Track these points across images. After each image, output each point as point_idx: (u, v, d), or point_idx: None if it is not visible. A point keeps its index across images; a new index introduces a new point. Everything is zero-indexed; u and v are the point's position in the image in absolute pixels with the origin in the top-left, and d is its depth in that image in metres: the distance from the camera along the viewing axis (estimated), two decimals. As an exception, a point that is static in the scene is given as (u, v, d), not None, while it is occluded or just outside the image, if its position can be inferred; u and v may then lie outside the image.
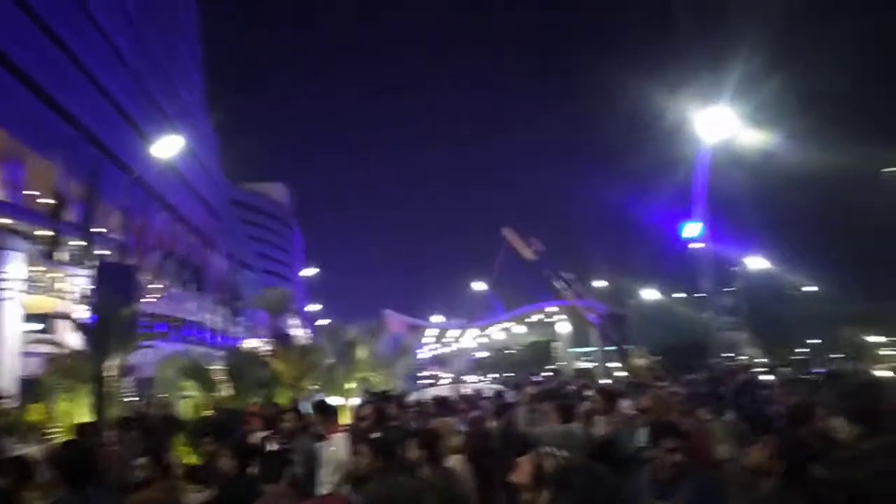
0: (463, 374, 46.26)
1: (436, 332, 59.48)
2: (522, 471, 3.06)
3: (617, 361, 34.74)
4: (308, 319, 42.71)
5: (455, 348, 59.76)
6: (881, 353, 28.31)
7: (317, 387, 15.13)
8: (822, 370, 14.59)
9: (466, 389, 15.41)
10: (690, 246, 26.02)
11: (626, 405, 7.24)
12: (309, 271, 53.90)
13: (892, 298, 33.77)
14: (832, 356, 31.92)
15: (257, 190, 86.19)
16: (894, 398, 4.37)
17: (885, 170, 25.51)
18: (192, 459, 6.47)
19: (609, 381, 15.40)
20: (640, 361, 19.48)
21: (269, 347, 14.77)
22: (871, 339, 32.89)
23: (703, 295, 28.08)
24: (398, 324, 52.50)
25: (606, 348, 42.05)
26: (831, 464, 3.20)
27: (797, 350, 37.58)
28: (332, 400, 12.00)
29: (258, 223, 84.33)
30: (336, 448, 5.67)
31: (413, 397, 12.81)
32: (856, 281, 35.09)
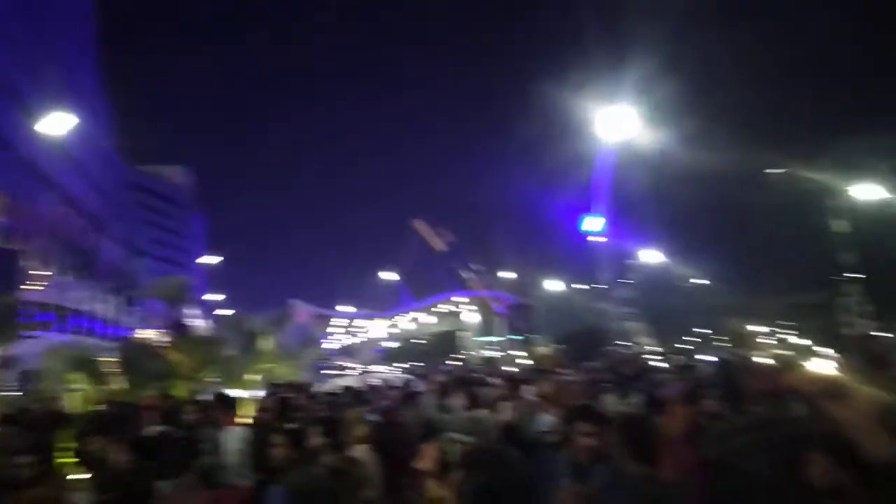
0: (371, 365, 46.11)
1: (344, 322, 58.90)
2: (427, 458, 3.08)
3: (521, 350, 35.74)
4: (209, 309, 41.16)
5: (363, 338, 59.43)
6: (760, 341, 30.57)
7: (217, 378, 14.63)
8: (710, 357, 15.58)
9: (374, 380, 15.39)
10: (591, 239, 27.02)
11: (529, 391, 7.49)
12: (210, 259, 51.84)
13: (771, 292, 36.63)
14: (718, 344, 34.20)
15: (156, 173, 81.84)
16: (755, 381, 4.77)
17: (770, 171, 27.50)
18: (81, 455, 6.11)
19: (514, 369, 15.79)
20: (542, 350, 20.14)
21: (165, 338, 14.13)
22: (753, 328, 35.50)
23: (603, 286, 29.35)
24: (304, 314, 51.59)
25: (512, 337, 43.21)
26: (706, 440, 3.49)
27: (687, 339, 40.05)
28: (234, 392, 11.66)
29: (156, 208, 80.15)
30: (236, 440, 5.55)
31: (320, 388, 12.66)
32: (740, 275, 37.82)
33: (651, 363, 14.67)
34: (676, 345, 33.77)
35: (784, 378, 4.32)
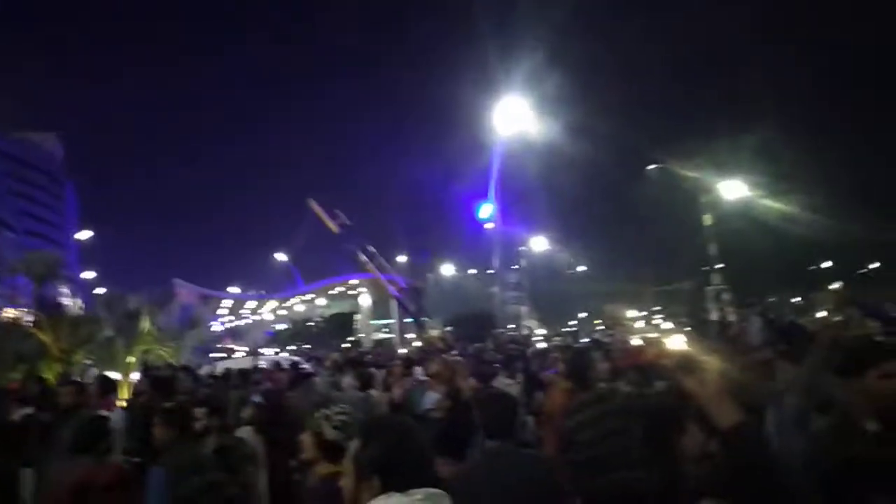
0: (260, 348, 44.83)
1: (231, 303, 56.86)
2: (305, 447, 3.07)
3: (414, 332, 36.13)
4: (83, 288, 38.44)
5: (252, 321, 57.66)
6: (636, 325, 32.64)
7: (90, 361, 13.76)
8: (588, 339, 16.45)
9: (262, 362, 15.04)
10: (485, 226, 27.63)
11: (418, 371, 7.65)
12: (83, 234, 48.22)
13: (646, 279, 39.19)
14: (596, 328, 36.20)
15: (25, 139, 74.89)
16: (623, 359, 5.21)
17: (650, 166, 29.35)
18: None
19: (405, 351, 15.96)
20: (433, 332, 20.46)
21: (33, 317, 13.11)
22: (629, 313, 37.86)
23: (493, 271, 30.13)
24: (189, 294, 49.30)
25: (405, 320, 43.54)
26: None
27: (569, 322, 42.11)
28: (111, 374, 11.03)
29: (23, 177, 73.53)
30: (116, 422, 5.30)
31: (206, 371, 12.24)
32: (620, 263, 40.13)
33: (536, 345, 15.30)
34: (561, 328, 35.45)
35: (646, 355, 4.81)
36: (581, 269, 45.05)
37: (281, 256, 51.88)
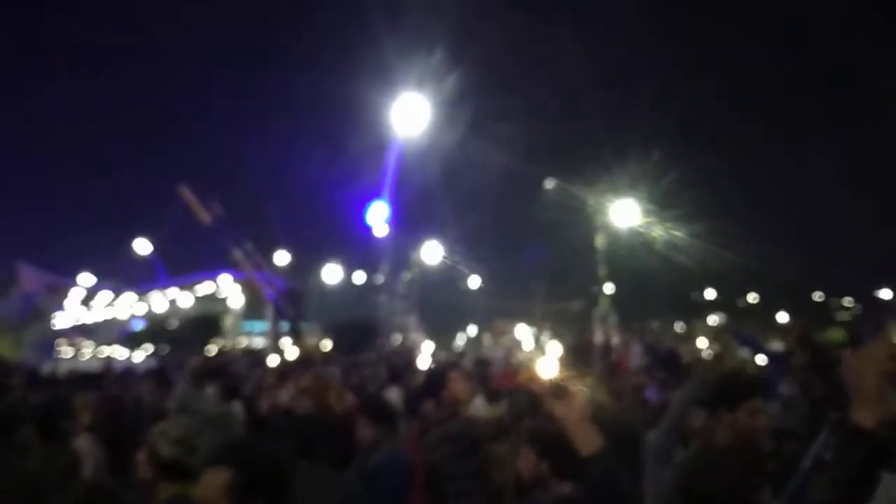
0: (113, 346, 42.17)
1: (82, 294, 53.10)
2: (140, 466, 2.97)
3: (290, 339, 35.26)
4: None
5: (107, 316, 54.11)
6: (524, 342, 33.68)
7: None
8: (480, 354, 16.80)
9: (114, 363, 14.23)
10: (376, 231, 27.54)
11: (290, 384, 7.51)
12: None
13: (537, 296, 40.60)
14: (486, 343, 37.00)
15: None
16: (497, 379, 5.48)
17: (547, 183, 30.47)
18: None
19: (279, 359, 15.61)
20: (312, 340, 20.10)
21: None
22: (518, 329, 39.03)
23: (382, 279, 30.11)
24: (34, 281, 45.71)
25: (280, 326, 42.36)
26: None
27: (459, 335, 42.83)
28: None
29: None
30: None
31: (47, 370, 11.39)
32: (511, 278, 41.33)
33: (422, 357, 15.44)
34: (450, 341, 35.94)
35: (520, 376, 5.01)
36: (474, 281, 45.96)
37: (143, 245, 49.00)
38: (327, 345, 18.26)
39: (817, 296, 52.82)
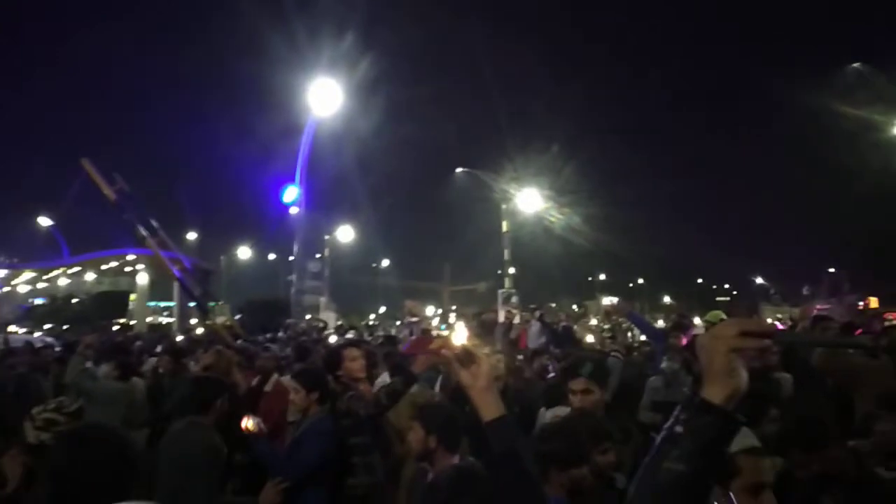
0: (9, 324, 39.23)
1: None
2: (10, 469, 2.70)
3: (198, 318, 33.99)
4: None
5: (2, 292, 50.27)
6: (432, 322, 33.96)
7: None
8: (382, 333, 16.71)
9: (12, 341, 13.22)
10: (289, 211, 26.91)
11: (192, 363, 7.19)
12: None
13: (445, 278, 41.05)
14: (396, 323, 37.04)
15: None
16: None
17: (458, 169, 30.82)
18: None
19: (184, 338, 14.95)
20: (220, 319, 19.39)
21: None
22: (427, 310, 39.35)
23: (293, 258, 29.48)
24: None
25: (189, 304, 40.66)
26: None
27: (370, 316, 42.61)
28: None
29: None
30: None
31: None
32: (421, 260, 41.48)
33: (331, 337, 15.20)
34: (362, 322, 35.64)
35: (430, 344, 5.00)
36: (385, 263, 45.87)
37: (44, 220, 45.79)
38: (236, 324, 17.65)
39: (699, 280, 56.07)
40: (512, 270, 27.51)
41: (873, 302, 25.63)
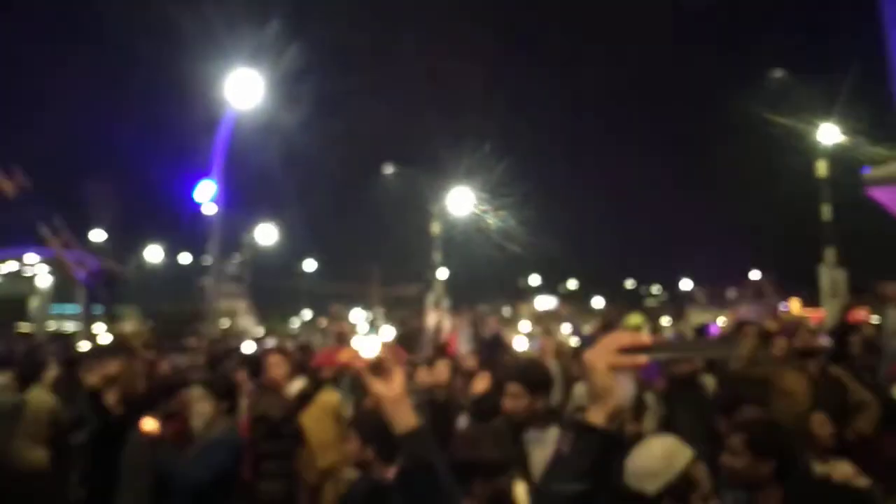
0: None
1: None
2: None
3: (104, 324, 32.46)
4: None
5: None
6: (359, 327, 33.63)
7: None
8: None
9: None
10: (204, 210, 26.10)
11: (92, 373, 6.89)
12: None
13: (374, 281, 40.80)
14: (321, 327, 36.47)
15: None
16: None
17: (387, 168, 30.63)
18: None
19: (89, 346, 14.29)
20: (129, 326, 18.59)
21: None
22: (354, 314, 38.96)
23: (210, 261, 28.63)
24: None
25: (94, 308, 38.74)
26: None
27: (293, 320, 41.84)
28: None
29: None
30: None
31: None
32: (349, 262, 41.08)
33: (251, 344, 14.86)
34: (285, 327, 34.96)
35: (340, 356, 5.03)
36: (311, 265, 45.14)
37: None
38: (144, 331, 16.99)
39: (629, 283, 57.86)
40: (443, 273, 27.64)
41: (795, 304, 27.10)
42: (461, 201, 27.85)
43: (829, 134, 20.59)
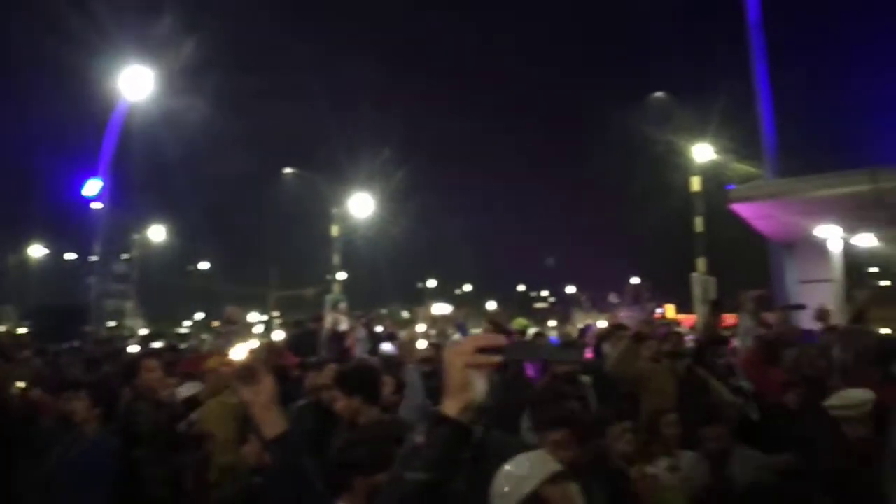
0: None
1: None
2: None
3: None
4: None
5: None
6: (254, 329, 32.58)
7: None
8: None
9: None
10: (92, 206, 24.58)
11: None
12: None
13: (271, 283, 39.80)
14: (215, 328, 35.08)
15: None
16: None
17: (286, 170, 30.01)
18: None
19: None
20: (5, 325, 17.25)
21: None
22: (250, 317, 37.69)
23: (95, 259, 26.97)
24: None
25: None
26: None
27: (185, 322, 39.99)
28: None
29: None
30: None
31: None
32: (245, 263, 39.83)
33: (134, 345, 14.14)
34: (175, 329, 33.31)
35: (208, 362, 4.91)
36: (203, 265, 43.39)
37: None
38: (20, 332, 15.82)
39: (521, 287, 59.50)
40: (343, 276, 27.36)
41: (670, 309, 28.70)
42: (362, 205, 27.69)
43: (702, 152, 21.97)
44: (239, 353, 1.87)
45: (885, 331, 11.66)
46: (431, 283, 51.43)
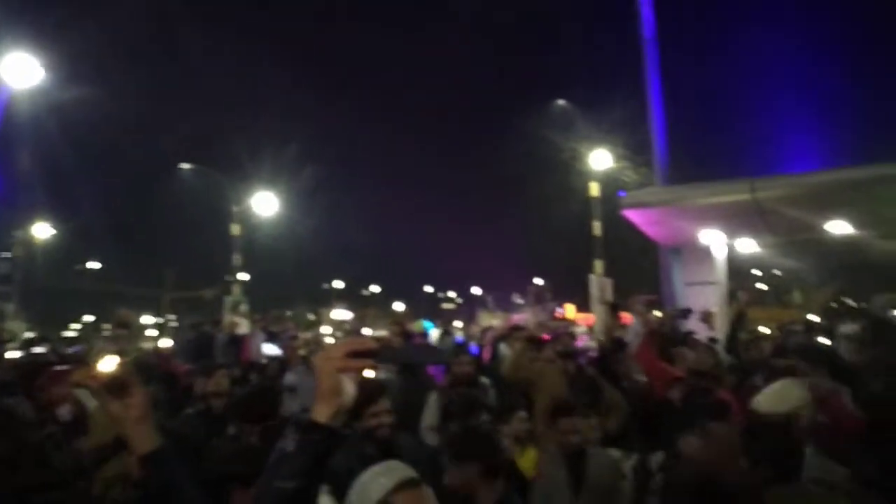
0: None
1: None
2: None
3: None
4: None
5: None
6: (147, 332, 31.04)
7: None
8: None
9: None
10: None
11: None
12: None
13: (166, 284, 38.07)
14: (105, 332, 33.13)
15: None
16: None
17: (183, 165, 28.72)
18: None
19: None
20: None
21: None
22: (143, 318, 35.88)
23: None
24: None
25: None
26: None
27: (72, 325, 37.56)
28: None
29: None
30: None
31: None
32: (138, 263, 37.90)
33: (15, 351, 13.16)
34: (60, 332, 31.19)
35: (73, 374, 4.64)
36: (93, 265, 40.96)
37: None
38: None
39: (428, 288, 59.80)
40: (245, 276, 26.51)
41: (570, 309, 29.71)
42: (265, 204, 26.96)
43: (600, 159, 22.89)
44: (107, 364, 1.76)
45: (763, 329, 12.60)
46: (338, 284, 50.83)
